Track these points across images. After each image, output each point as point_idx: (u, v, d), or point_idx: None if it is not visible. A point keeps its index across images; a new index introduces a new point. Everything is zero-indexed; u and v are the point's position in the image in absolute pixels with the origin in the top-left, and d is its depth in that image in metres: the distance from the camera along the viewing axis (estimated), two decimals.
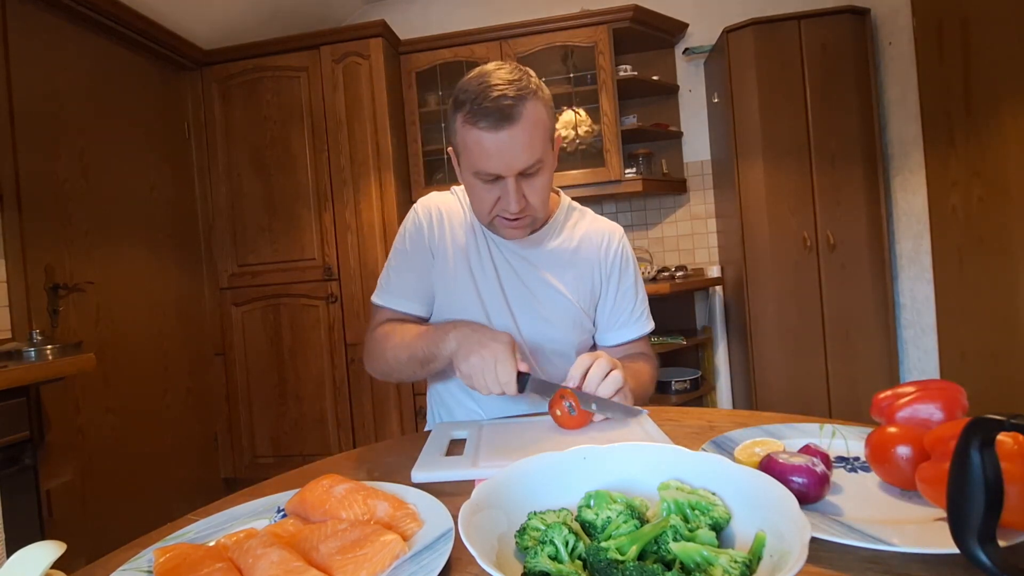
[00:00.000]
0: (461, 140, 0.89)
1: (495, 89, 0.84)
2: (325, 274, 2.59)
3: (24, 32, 1.83)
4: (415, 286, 1.04)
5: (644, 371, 1.04)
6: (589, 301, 1.07)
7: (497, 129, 0.84)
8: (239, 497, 0.68)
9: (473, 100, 0.84)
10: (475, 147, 0.86)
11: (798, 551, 0.36)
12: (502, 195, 0.90)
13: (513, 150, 0.85)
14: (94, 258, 2.05)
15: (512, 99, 0.83)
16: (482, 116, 0.83)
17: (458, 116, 0.88)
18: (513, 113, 0.83)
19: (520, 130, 0.84)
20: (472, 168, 0.89)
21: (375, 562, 0.47)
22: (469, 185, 0.94)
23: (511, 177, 0.87)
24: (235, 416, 2.67)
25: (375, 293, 1.08)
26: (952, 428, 0.50)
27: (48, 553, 0.39)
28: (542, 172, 0.91)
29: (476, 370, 0.82)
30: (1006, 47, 1.75)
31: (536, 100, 0.87)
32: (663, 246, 3.09)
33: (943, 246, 2.13)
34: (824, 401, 2.47)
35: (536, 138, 0.87)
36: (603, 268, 1.07)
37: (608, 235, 1.09)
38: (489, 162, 0.86)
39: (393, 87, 2.66)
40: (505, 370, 0.81)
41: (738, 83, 2.53)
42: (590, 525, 0.48)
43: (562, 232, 1.07)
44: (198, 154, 2.67)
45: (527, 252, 1.04)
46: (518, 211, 0.90)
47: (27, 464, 1.39)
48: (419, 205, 1.08)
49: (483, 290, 1.02)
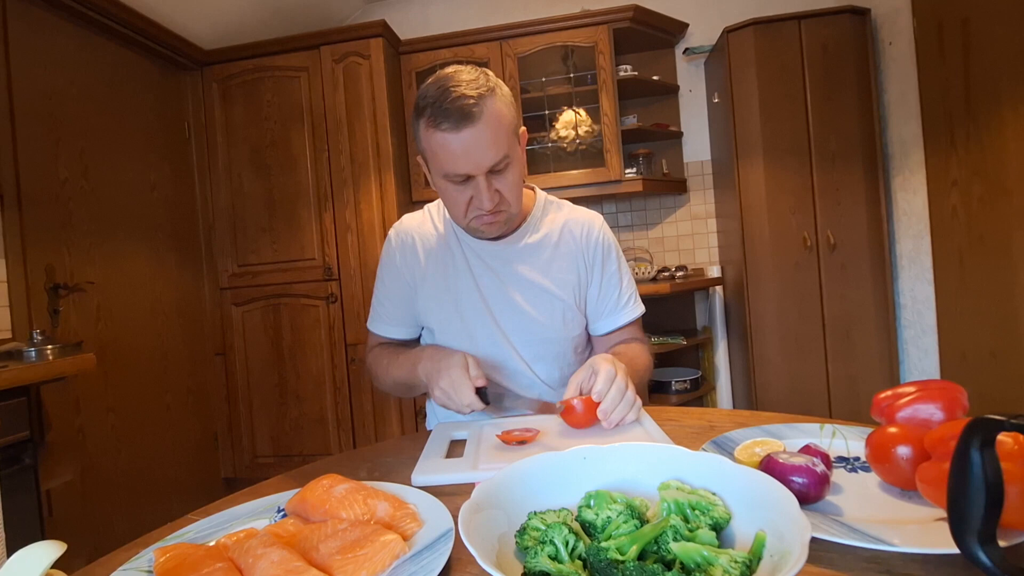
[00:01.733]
0: (427, 145, 0.90)
1: (454, 91, 0.84)
2: (325, 274, 2.59)
3: (25, 32, 1.83)
4: (398, 315, 1.10)
5: (640, 357, 1.03)
6: (577, 292, 1.06)
7: (460, 129, 0.85)
8: (239, 497, 0.68)
9: (433, 104, 0.85)
10: (441, 150, 0.87)
11: (798, 551, 0.36)
12: (475, 194, 0.91)
13: (479, 148, 0.86)
14: (94, 258, 2.05)
15: (472, 98, 0.84)
16: (444, 118, 0.84)
17: (421, 122, 0.89)
18: (474, 112, 0.84)
19: (483, 128, 0.85)
20: (441, 171, 0.90)
21: (375, 562, 0.47)
22: (442, 190, 0.95)
23: (481, 175, 0.89)
24: (235, 416, 2.67)
25: (368, 318, 1.15)
26: (952, 428, 0.50)
27: (48, 553, 0.39)
28: (511, 167, 0.92)
29: (443, 400, 0.86)
30: (1006, 47, 1.75)
31: (495, 97, 0.88)
32: (663, 246, 3.09)
33: (943, 246, 2.13)
34: (824, 401, 2.47)
35: (500, 134, 0.88)
36: (586, 257, 1.07)
37: (588, 224, 1.09)
38: (456, 163, 0.87)
39: (393, 87, 2.66)
40: (464, 393, 0.84)
41: (738, 83, 2.53)
42: (590, 525, 0.48)
43: (540, 227, 1.08)
44: (198, 154, 2.67)
45: (507, 252, 1.05)
46: (492, 207, 0.92)
47: (27, 464, 1.38)
48: (392, 233, 1.11)
49: (463, 306, 1.04)
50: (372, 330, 1.13)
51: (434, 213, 1.12)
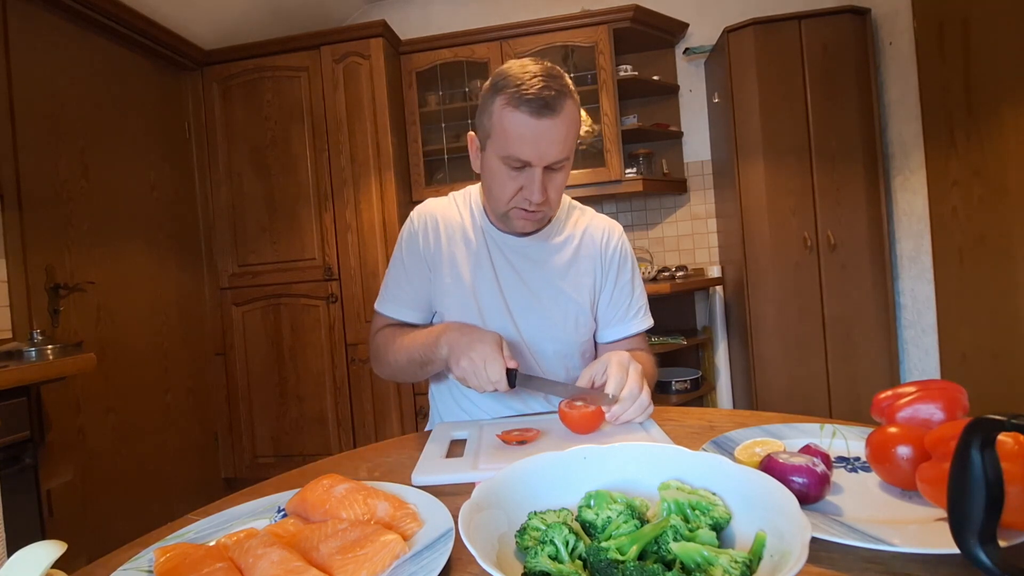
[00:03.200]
0: (497, 122, 0.88)
1: (540, 79, 0.85)
2: (325, 274, 2.59)
3: (25, 32, 1.83)
4: (412, 296, 1.07)
5: (647, 364, 1.02)
6: (591, 298, 1.07)
7: (539, 116, 0.85)
8: (239, 497, 0.68)
9: (518, 85, 0.85)
10: (512, 131, 0.87)
11: (798, 551, 0.36)
12: (525, 184, 0.91)
13: (549, 140, 0.87)
14: (95, 258, 2.05)
15: (556, 91, 0.85)
16: (525, 101, 0.84)
17: (498, 99, 0.88)
18: (556, 105, 0.85)
19: (559, 123, 0.86)
20: (503, 152, 0.89)
21: (375, 562, 0.47)
22: (493, 171, 0.94)
23: (539, 167, 0.89)
24: (235, 416, 2.67)
25: (377, 299, 1.11)
26: (953, 428, 0.50)
27: (49, 553, 0.39)
28: (565, 169, 0.93)
29: (468, 372, 0.84)
30: (1006, 47, 1.75)
31: (573, 101, 0.89)
32: (663, 246, 3.09)
33: (944, 246, 2.13)
34: (824, 401, 2.46)
35: (570, 135, 0.89)
36: (603, 263, 1.08)
37: (608, 231, 1.10)
38: (523, 148, 0.87)
39: (393, 87, 2.66)
40: (495, 369, 0.82)
41: (738, 83, 2.53)
42: (590, 525, 0.48)
43: (564, 230, 1.08)
44: (199, 154, 2.67)
45: (530, 250, 1.05)
46: (539, 202, 0.92)
47: (28, 464, 1.38)
48: (415, 214, 1.09)
49: (481, 295, 1.03)
50: (381, 311, 1.09)
51: (459, 201, 1.10)
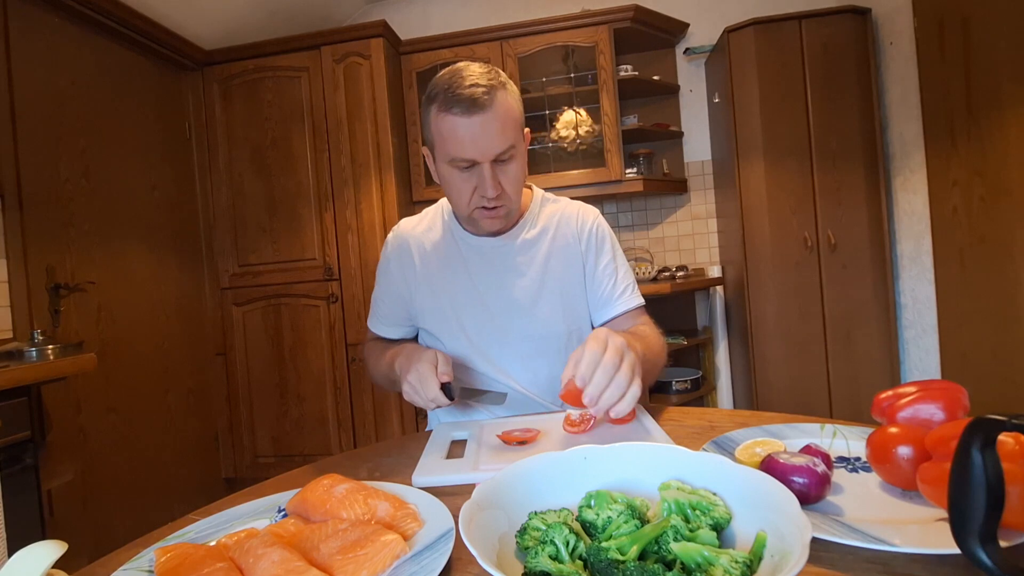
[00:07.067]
0: (436, 130, 0.92)
1: (467, 80, 0.88)
2: (326, 274, 2.59)
3: (25, 32, 1.84)
4: (394, 315, 1.13)
5: (651, 336, 0.98)
6: (578, 285, 1.07)
7: (471, 114, 0.87)
8: (240, 497, 0.68)
9: (446, 91, 0.88)
10: (450, 135, 0.89)
11: (799, 551, 0.36)
12: (479, 182, 0.92)
13: (487, 135, 0.88)
14: (95, 258, 2.05)
15: (484, 87, 0.88)
16: (455, 103, 0.87)
17: (432, 108, 0.91)
18: (485, 101, 0.87)
19: (492, 117, 0.88)
20: (448, 156, 0.92)
21: (376, 562, 0.47)
22: (446, 178, 0.96)
23: (486, 163, 0.90)
24: (236, 416, 2.67)
25: (368, 314, 1.18)
26: (953, 428, 0.50)
27: (49, 553, 0.39)
28: (515, 159, 0.94)
29: (410, 394, 0.89)
30: (1007, 47, 1.75)
31: (505, 90, 0.91)
32: (664, 246, 3.09)
33: (944, 246, 2.13)
34: (825, 401, 2.46)
35: (508, 124, 0.90)
36: (580, 247, 1.08)
37: (581, 215, 1.10)
38: (464, 148, 0.89)
39: (394, 87, 2.66)
40: (430, 387, 0.86)
41: (739, 83, 2.52)
42: (591, 525, 0.48)
43: (538, 223, 1.09)
44: (199, 154, 2.67)
45: (506, 248, 1.05)
46: (494, 196, 0.93)
47: (28, 464, 1.38)
48: (389, 237, 1.14)
49: (460, 306, 1.05)
50: (369, 327, 1.18)
51: (432, 214, 1.13)
